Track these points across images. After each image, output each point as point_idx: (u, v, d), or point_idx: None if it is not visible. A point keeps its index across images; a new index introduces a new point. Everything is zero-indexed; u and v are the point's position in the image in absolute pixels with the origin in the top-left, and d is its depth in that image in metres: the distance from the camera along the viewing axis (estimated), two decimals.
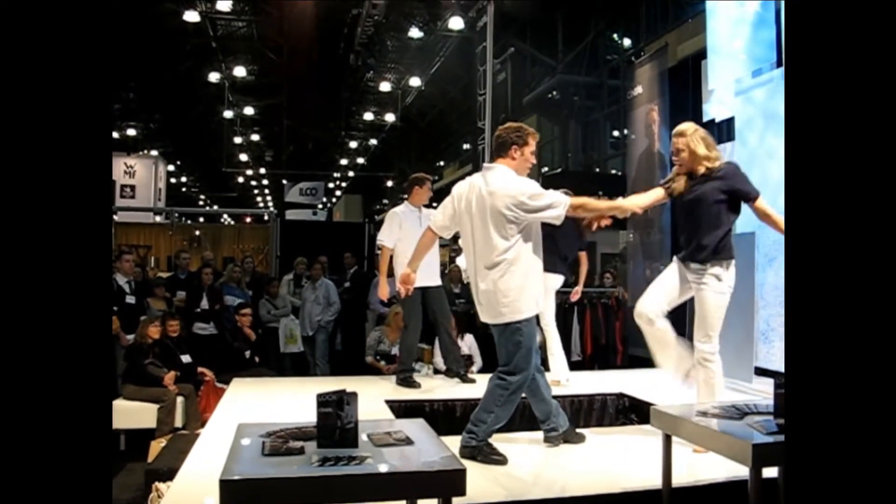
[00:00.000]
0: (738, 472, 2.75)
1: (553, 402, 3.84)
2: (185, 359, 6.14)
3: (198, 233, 11.81)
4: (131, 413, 5.60)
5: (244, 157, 24.32)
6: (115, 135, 18.57)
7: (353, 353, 7.92)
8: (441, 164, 24.52)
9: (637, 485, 3.16)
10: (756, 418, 2.76)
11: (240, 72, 16.26)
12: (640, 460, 3.55)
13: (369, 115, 20.19)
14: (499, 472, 3.37)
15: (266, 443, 2.41)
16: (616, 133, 14.92)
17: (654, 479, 3.05)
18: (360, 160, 26.37)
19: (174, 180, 26.97)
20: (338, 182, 29.69)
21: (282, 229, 11.12)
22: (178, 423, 5.71)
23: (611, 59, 14.70)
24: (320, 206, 24.34)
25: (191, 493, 2.94)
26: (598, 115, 15.23)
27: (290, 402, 4.65)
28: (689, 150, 3.64)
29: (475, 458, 3.44)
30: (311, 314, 8.05)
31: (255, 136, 23.25)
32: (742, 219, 3.96)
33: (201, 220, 17.99)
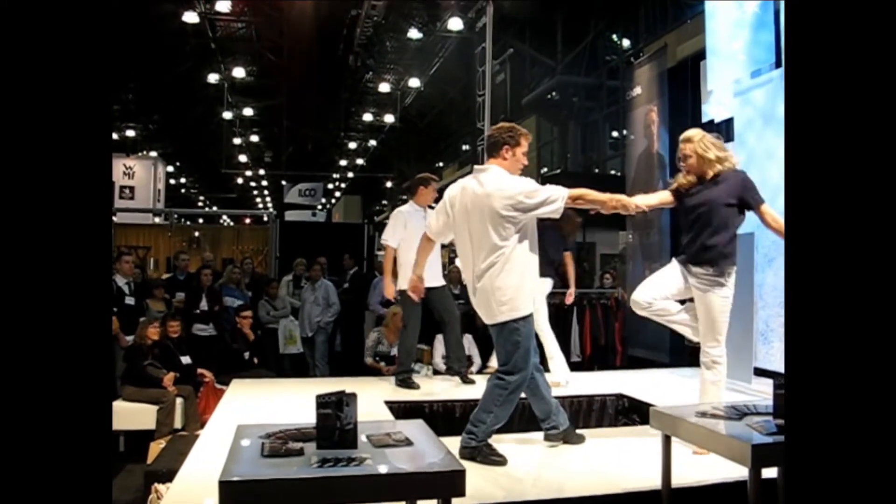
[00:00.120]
0: (738, 472, 2.75)
1: (553, 401, 3.84)
2: (185, 360, 6.14)
3: (197, 234, 11.80)
4: (131, 414, 5.60)
5: (243, 158, 24.31)
6: (114, 136, 18.55)
7: (352, 354, 7.92)
8: (440, 164, 24.51)
9: (636, 485, 3.16)
10: (755, 419, 2.76)
11: (239, 73, 16.25)
12: (639, 461, 3.55)
13: (368, 116, 20.18)
14: (498, 473, 3.37)
15: (265, 444, 2.41)
16: (615, 134, 14.92)
17: (653, 480, 3.05)
18: (360, 161, 26.37)
19: (173, 181, 26.94)
20: (337, 183, 29.67)
21: (281, 230, 11.12)
22: (178, 424, 5.71)
23: (610, 59, 14.70)
24: (319, 207, 24.32)
25: (190, 495, 2.93)
26: (597, 116, 15.24)
27: (289, 403, 4.65)
28: (697, 155, 3.68)
29: (475, 459, 3.44)
30: (311, 315, 8.05)
31: (255, 137, 23.24)
32: None
33: (200, 221, 17.99)
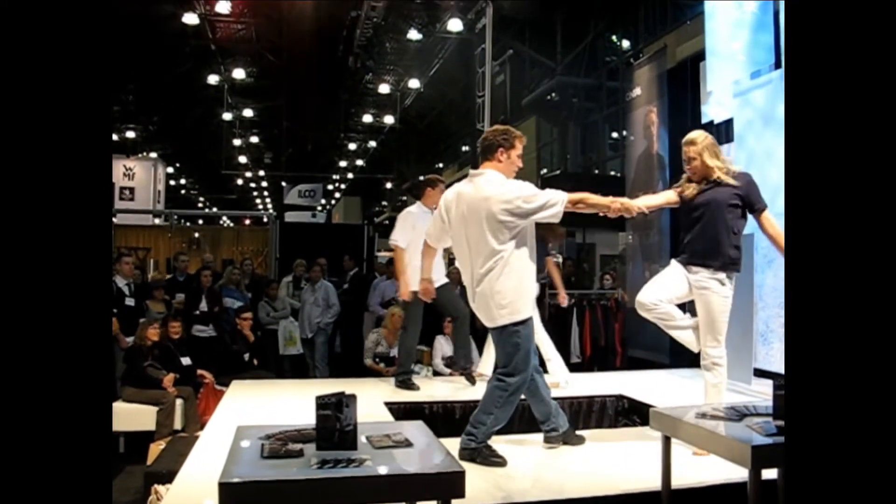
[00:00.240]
0: (738, 473, 2.75)
1: (553, 403, 3.84)
2: (185, 361, 6.13)
3: (197, 235, 11.80)
4: (130, 415, 5.60)
5: (243, 159, 24.31)
6: (114, 137, 18.55)
7: (352, 356, 7.92)
8: (440, 165, 24.51)
9: (636, 487, 3.16)
10: (755, 420, 2.76)
11: (239, 74, 16.26)
12: (639, 462, 3.55)
13: (368, 117, 20.17)
14: (498, 474, 3.37)
15: (265, 445, 2.41)
16: (615, 134, 14.91)
17: (653, 481, 3.05)
18: (359, 162, 26.36)
19: (173, 182, 26.95)
20: (337, 184, 29.67)
21: (281, 231, 11.12)
22: (178, 425, 5.70)
23: (610, 60, 14.70)
24: (319, 208, 24.32)
25: (190, 496, 2.93)
26: (596, 117, 15.23)
27: (289, 404, 4.64)
28: (701, 158, 3.68)
29: (474, 460, 3.44)
30: (311, 316, 8.05)
31: (255, 139, 23.24)
32: None
33: (200, 222, 18.00)
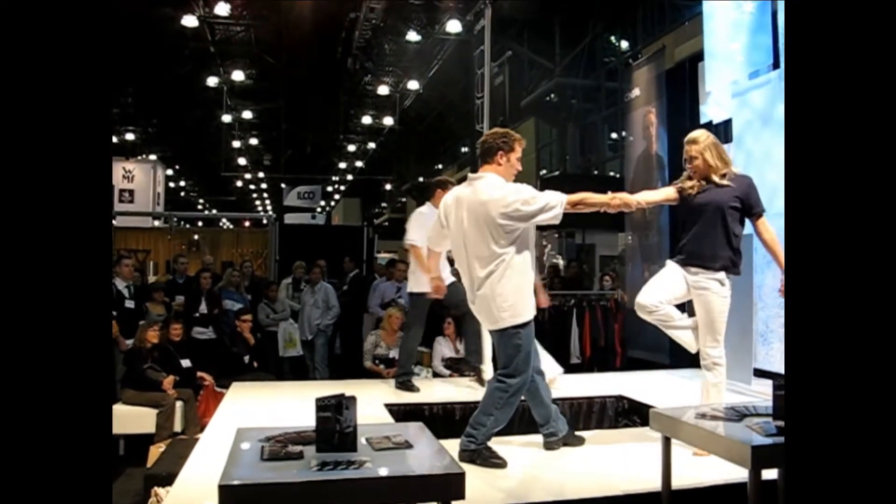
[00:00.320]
0: (738, 474, 2.75)
1: (553, 407, 3.84)
2: (185, 363, 6.13)
3: (197, 237, 11.82)
4: (130, 418, 5.59)
5: (243, 161, 24.31)
6: (113, 139, 18.54)
7: (352, 357, 7.91)
8: (440, 166, 24.52)
9: (636, 487, 3.16)
10: (755, 420, 2.76)
11: (238, 76, 16.25)
12: (639, 463, 3.55)
13: (367, 119, 20.16)
14: (498, 476, 3.37)
15: (265, 447, 2.41)
16: (614, 135, 14.91)
17: (653, 482, 3.05)
18: (359, 164, 26.34)
19: (173, 184, 26.94)
20: (336, 186, 29.67)
21: (280, 233, 11.13)
22: (178, 427, 5.70)
23: (608, 61, 14.70)
24: (319, 209, 24.34)
25: (190, 498, 2.93)
26: (595, 118, 15.23)
27: (289, 406, 4.64)
28: (703, 157, 3.68)
29: (474, 462, 3.44)
30: (311, 318, 8.04)
31: (254, 140, 23.22)
32: None
33: (200, 224, 18.00)
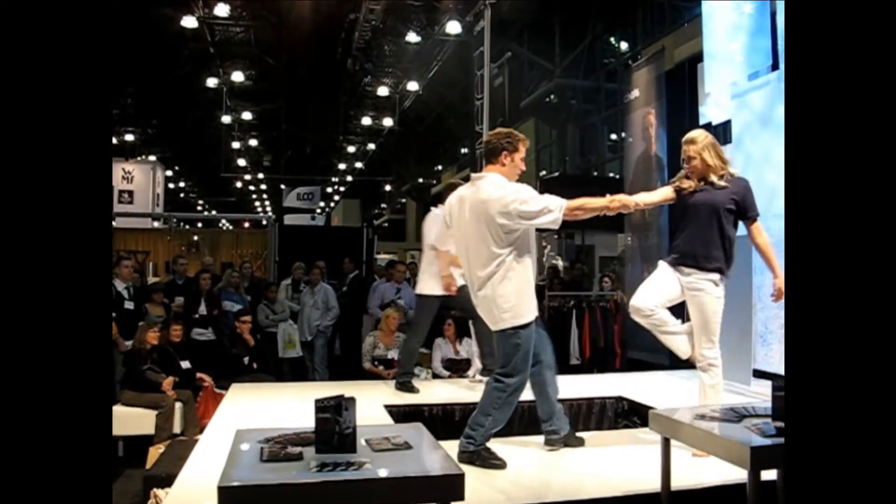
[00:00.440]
0: (737, 475, 2.75)
1: (557, 405, 3.85)
2: (184, 364, 6.12)
3: (196, 238, 11.81)
4: (130, 419, 5.58)
5: (242, 161, 24.30)
6: (113, 140, 18.53)
7: (351, 358, 7.90)
8: (439, 168, 24.52)
9: (636, 488, 3.16)
10: (754, 421, 2.76)
11: (238, 77, 16.27)
12: (638, 464, 3.55)
13: (367, 120, 20.17)
14: (497, 477, 3.37)
15: (264, 448, 2.41)
16: (613, 136, 14.92)
17: (652, 483, 3.05)
18: (359, 164, 26.34)
19: (172, 185, 26.94)
20: (336, 186, 29.67)
21: (280, 234, 11.13)
22: (177, 428, 5.69)
23: (608, 62, 14.72)
24: (318, 210, 24.34)
25: (189, 500, 2.93)
26: (595, 119, 15.24)
27: (288, 407, 4.64)
28: (701, 158, 3.67)
29: (474, 463, 3.44)
30: (310, 319, 8.03)
31: (254, 141, 23.23)
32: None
33: (199, 225, 18.00)
